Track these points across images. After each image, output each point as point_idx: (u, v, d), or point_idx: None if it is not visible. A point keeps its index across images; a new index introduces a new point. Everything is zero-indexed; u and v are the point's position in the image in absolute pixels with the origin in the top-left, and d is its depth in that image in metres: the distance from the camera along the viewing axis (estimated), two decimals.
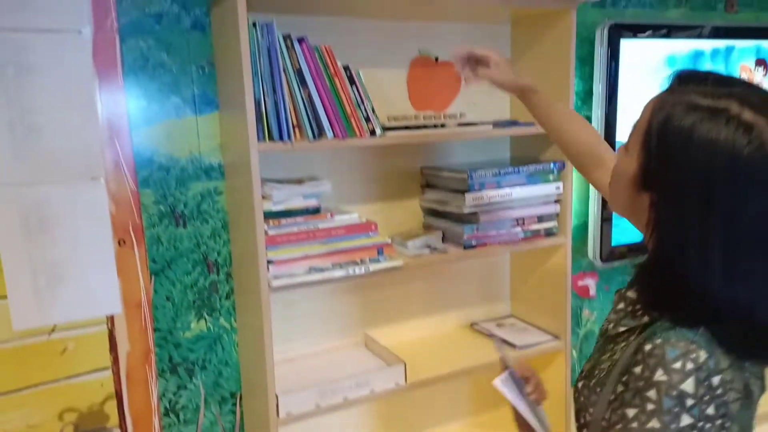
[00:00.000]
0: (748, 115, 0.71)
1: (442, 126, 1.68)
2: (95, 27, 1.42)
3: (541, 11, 1.69)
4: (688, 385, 0.74)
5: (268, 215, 1.48)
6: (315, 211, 1.58)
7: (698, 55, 2.14)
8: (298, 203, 1.55)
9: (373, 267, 1.55)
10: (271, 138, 1.38)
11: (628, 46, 1.98)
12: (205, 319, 1.67)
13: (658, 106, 0.78)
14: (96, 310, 1.53)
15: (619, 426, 0.79)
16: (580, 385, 0.91)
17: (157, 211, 1.56)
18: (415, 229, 1.88)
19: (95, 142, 1.45)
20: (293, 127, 1.40)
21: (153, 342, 1.61)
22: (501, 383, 1.03)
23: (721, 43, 2.19)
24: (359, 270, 1.53)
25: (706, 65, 2.17)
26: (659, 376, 0.75)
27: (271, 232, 1.46)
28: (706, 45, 2.15)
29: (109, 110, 1.46)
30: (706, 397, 0.74)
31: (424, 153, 1.87)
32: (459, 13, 1.72)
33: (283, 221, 1.49)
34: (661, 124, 0.76)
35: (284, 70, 1.37)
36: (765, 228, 0.72)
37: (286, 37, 1.38)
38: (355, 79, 1.47)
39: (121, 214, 1.52)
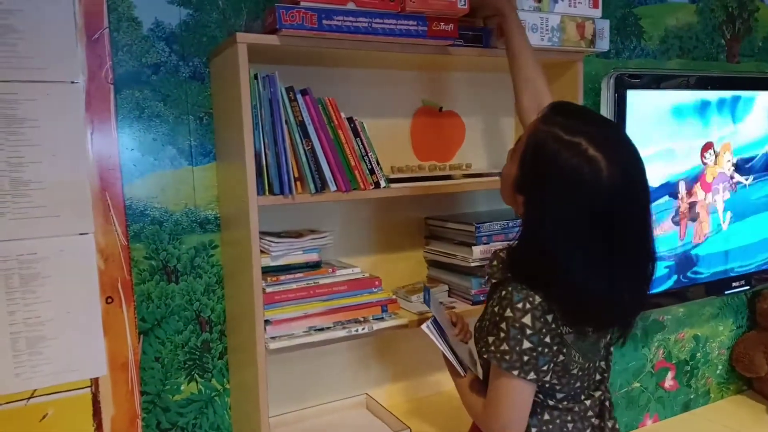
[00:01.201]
0: (592, 150, 0.96)
1: (448, 177, 1.62)
2: (89, 77, 1.37)
3: (548, 61, 1.66)
4: (527, 320, 1.01)
5: (266, 271, 1.41)
6: (315, 265, 1.50)
7: (705, 104, 2.11)
8: (297, 258, 1.47)
9: (376, 326, 1.46)
10: (271, 191, 1.31)
11: (633, 95, 1.94)
12: (197, 381, 1.57)
13: (533, 132, 1.04)
14: (79, 373, 1.43)
15: (484, 349, 1.08)
16: (476, 324, 1.19)
17: (149, 266, 1.48)
18: (419, 281, 1.80)
19: (85, 196, 1.38)
20: (294, 180, 1.33)
21: (140, 406, 1.50)
22: (426, 328, 1.24)
23: (727, 93, 2.16)
24: (362, 329, 1.44)
25: (713, 116, 2.14)
26: (508, 313, 1.02)
27: (268, 290, 1.38)
28: (713, 95, 2.13)
29: (101, 162, 1.40)
30: (543, 329, 1.01)
31: (427, 203, 1.81)
32: (466, 64, 1.69)
33: (282, 278, 1.41)
34: (532, 147, 1.03)
35: (286, 123, 1.32)
36: (589, 233, 0.98)
37: (289, 90, 1.33)
38: (360, 131, 1.42)
39: (110, 270, 1.43)
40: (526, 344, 1.00)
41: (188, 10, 1.46)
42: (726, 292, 2.32)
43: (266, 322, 1.36)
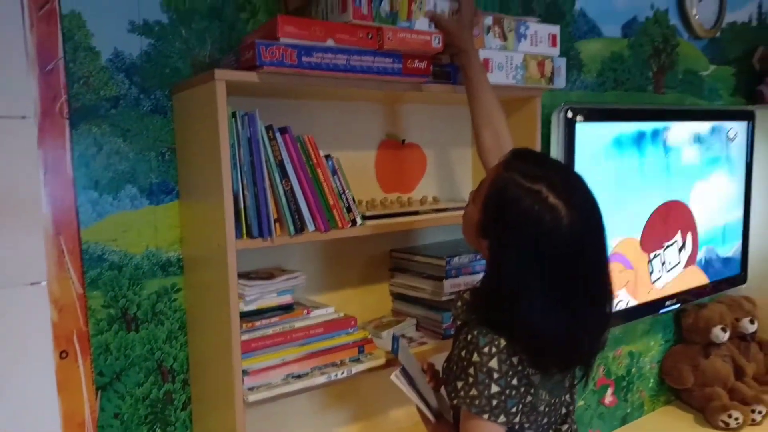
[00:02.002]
0: (552, 198, 1.00)
1: (416, 213, 1.61)
2: (42, 112, 1.25)
3: (510, 97, 1.70)
4: (494, 363, 1.02)
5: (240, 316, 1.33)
6: (288, 307, 1.44)
7: (641, 135, 2.24)
8: (271, 301, 1.41)
9: (355, 369, 1.42)
10: (249, 234, 1.25)
11: (581, 127, 2.03)
12: None
13: (495, 179, 1.08)
14: None
15: (453, 394, 1.07)
16: (444, 366, 1.19)
17: (107, 315, 1.36)
18: (386, 316, 1.77)
19: (37, 242, 1.25)
20: (274, 222, 1.27)
21: None
22: (395, 378, 1.22)
23: (660, 125, 2.31)
24: (341, 373, 1.40)
25: (648, 147, 2.27)
26: (474, 357, 1.03)
27: (244, 337, 1.31)
28: (648, 126, 2.26)
29: (55, 204, 1.28)
30: (510, 372, 1.02)
31: (390, 235, 1.79)
32: (427, 97, 1.69)
33: (258, 323, 1.35)
34: (495, 194, 1.06)
35: (266, 162, 1.26)
36: (552, 277, 1.01)
37: (268, 128, 1.27)
38: (337, 169, 1.38)
39: (65, 322, 1.31)
40: (495, 388, 1.02)
41: (150, 39, 1.37)
42: (660, 311, 2.46)
43: (243, 372, 1.28)
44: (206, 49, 1.44)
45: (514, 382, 1.03)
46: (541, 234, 1.00)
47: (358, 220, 1.41)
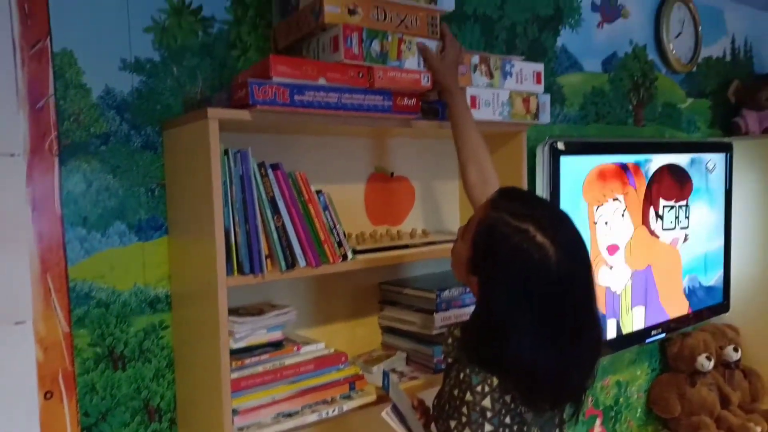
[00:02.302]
0: (540, 237, 1.02)
1: (406, 246, 1.61)
2: (31, 149, 1.24)
3: (497, 132, 1.73)
4: (487, 402, 1.02)
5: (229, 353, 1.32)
6: (278, 344, 1.43)
7: (623, 167, 2.29)
8: (261, 338, 1.39)
9: (346, 406, 1.41)
10: (240, 271, 1.24)
11: (565, 160, 2.06)
12: None
13: (483, 217, 1.09)
14: None
15: None
16: (434, 402, 1.18)
17: (93, 354, 1.34)
18: (375, 349, 1.76)
19: (23, 280, 1.23)
20: (265, 258, 1.27)
21: None
22: (386, 415, 1.21)
23: (641, 157, 2.36)
24: (332, 411, 1.38)
25: (630, 178, 2.32)
26: (467, 396, 1.03)
27: (234, 375, 1.29)
28: (630, 158, 2.31)
29: (43, 242, 1.26)
30: (503, 411, 1.02)
31: (379, 268, 1.78)
32: (416, 131, 1.72)
33: (247, 361, 1.33)
34: (484, 233, 1.08)
35: (258, 199, 1.26)
36: (541, 314, 1.02)
37: (261, 165, 1.28)
38: (328, 204, 1.39)
39: (50, 361, 1.28)
40: (488, 427, 1.02)
41: (141, 76, 1.38)
42: (647, 341, 2.48)
43: (234, 412, 1.26)
44: (197, 86, 1.45)
45: (507, 420, 1.03)
46: (530, 272, 1.02)
47: (349, 255, 1.41)
